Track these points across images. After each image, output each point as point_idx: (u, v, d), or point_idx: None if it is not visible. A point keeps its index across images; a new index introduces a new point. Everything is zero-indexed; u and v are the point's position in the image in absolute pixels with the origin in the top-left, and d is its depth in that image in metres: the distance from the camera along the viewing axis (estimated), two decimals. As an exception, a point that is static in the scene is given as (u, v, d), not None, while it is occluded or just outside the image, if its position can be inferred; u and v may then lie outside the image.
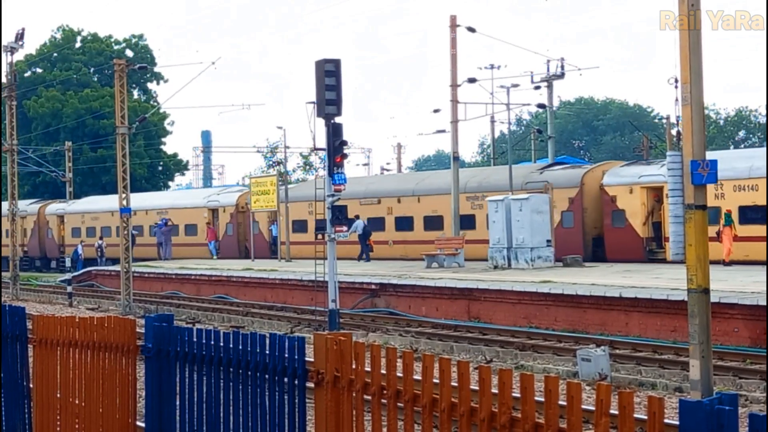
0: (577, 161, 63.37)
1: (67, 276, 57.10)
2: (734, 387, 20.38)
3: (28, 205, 76.04)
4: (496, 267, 39.98)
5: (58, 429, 8.53)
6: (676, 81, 21.04)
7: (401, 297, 36.86)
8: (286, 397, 6.00)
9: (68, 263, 63.78)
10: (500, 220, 40.54)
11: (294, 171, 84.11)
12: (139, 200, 60.06)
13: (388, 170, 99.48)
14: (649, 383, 21.13)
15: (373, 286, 38.25)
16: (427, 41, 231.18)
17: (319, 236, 39.79)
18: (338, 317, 31.98)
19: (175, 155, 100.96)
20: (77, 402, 8.20)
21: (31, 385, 9.07)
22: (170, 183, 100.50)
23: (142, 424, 7.72)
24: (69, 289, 49.70)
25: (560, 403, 4.80)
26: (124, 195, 42.20)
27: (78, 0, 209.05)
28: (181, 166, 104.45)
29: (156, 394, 7.30)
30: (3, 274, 50.55)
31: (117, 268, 46.81)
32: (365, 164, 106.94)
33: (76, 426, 8.23)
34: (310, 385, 6.02)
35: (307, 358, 6.02)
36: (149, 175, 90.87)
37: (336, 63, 31.66)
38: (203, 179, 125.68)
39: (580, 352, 22.54)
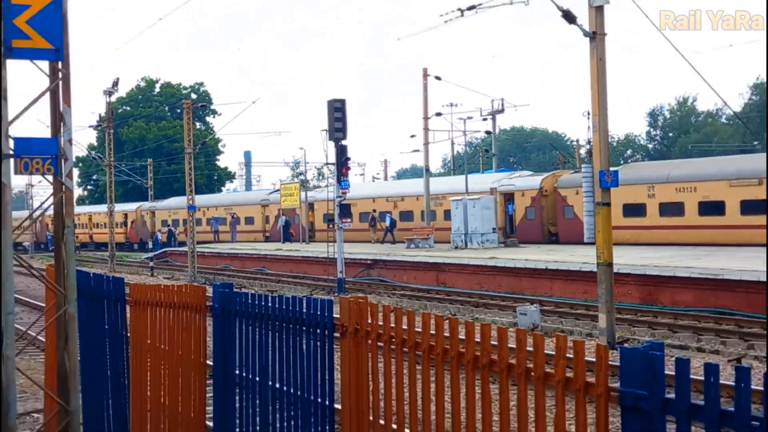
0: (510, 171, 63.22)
1: (149, 255, 57.04)
2: (629, 333, 20.32)
3: (269, 194, 65.16)
4: (456, 247, 39.88)
5: (149, 366, 8.37)
6: (589, 113, 20.83)
7: (389, 269, 36.74)
8: (318, 344, 5.81)
9: (150, 245, 63.45)
10: (459, 214, 40.48)
11: (312, 181, 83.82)
12: (412, 186, 52.15)
13: (378, 179, 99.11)
14: (569, 331, 21.03)
15: (369, 261, 38.18)
16: (404, 84, 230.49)
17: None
18: (344, 284, 32.00)
19: (225, 168, 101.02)
20: (163, 347, 8.03)
21: (128, 335, 8.88)
22: (222, 188, 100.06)
23: (210, 363, 7.52)
24: (151, 264, 49.72)
25: (528, 349, 4.67)
26: (190, 196, 42.11)
27: (157, 57, 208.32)
28: (229, 176, 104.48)
29: (220, 341, 7.14)
30: (102, 254, 50.32)
31: (185, 248, 46.59)
32: (361, 174, 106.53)
33: (162, 364, 8.08)
34: (337, 335, 5.83)
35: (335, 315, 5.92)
36: (207, 183, 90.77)
37: (342, 102, 31.65)
38: (245, 185, 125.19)
39: (518, 308, 22.48)
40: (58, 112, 8.89)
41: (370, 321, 5.32)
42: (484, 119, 57.71)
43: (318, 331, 5.69)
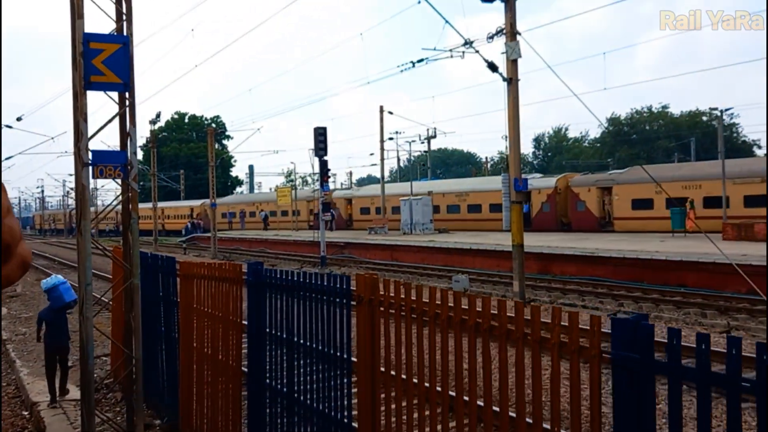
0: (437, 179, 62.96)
1: (182, 238, 55.63)
2: (533, 295, 19.95)
3: (313, 191, 57.09)
4: (405, 233, 39.36)
5: (195, 325, 7.73)
6: (506, 137, 20.37)
7: (357, 249, 36.04)
8: (337, 310, 5.24)
9: (184, 232, 61.65)
10: (407, 210, 39.96)
11: (300, 186, 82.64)
12: (445, 185, 46.91)
13: (345, 186, 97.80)
14: (488, 293, 20.59)
15: (342, 243, 37.47)
16: (365, 115, 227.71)
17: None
18: (326, 260, 31.27)
19: (236, 177, 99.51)
20: (206, 309, 7.39)
21: (177, 300, 8.23)
22: (233, 191, 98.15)
23: (245, 322, 6.92)
24: (184, 245, 48.41)
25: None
26: (212, 198, 40.93)
27: (187, 95, 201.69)
28: (239, 183, 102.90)
29: (254, 306, 6.56)
30: (147, 238, 48.91)
31: (208, 234, 45.45)
32: (332, 182, 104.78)
33: (205, 323, 7.44)
34: (353, 303, 5.27)
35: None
36: (223, 188, 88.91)
37: (324, 129, 30.83)
38: (250, 190, 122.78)
39: (453, 277, 21.98)
40: (125, 131, 8.23)
41: (381, 292, 4.78)
42: (422, 143, 57.29)
43: (338, 300, 5.14)
